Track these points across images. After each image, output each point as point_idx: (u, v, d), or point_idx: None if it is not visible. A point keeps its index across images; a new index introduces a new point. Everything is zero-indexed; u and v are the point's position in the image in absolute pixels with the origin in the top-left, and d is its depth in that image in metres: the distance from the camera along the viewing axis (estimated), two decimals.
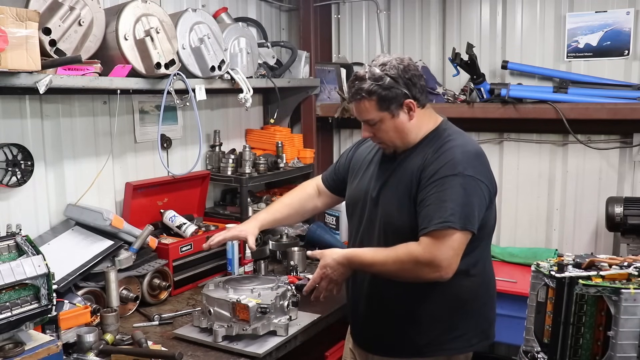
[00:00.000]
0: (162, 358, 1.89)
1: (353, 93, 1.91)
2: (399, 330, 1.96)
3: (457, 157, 1.83)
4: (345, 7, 3.74)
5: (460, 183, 1.79)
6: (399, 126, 1.91)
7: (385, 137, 1.93)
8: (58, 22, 1.97)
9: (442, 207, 1.77)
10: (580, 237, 3.22)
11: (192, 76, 2.53)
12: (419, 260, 1.77)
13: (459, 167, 1.80)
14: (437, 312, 1.92)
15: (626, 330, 1.45)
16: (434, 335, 1.94)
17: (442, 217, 1.75)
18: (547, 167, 3.26)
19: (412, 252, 1.79)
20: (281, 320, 2.06)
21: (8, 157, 2.20)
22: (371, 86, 1.86)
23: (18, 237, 1.65)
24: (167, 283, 2.48)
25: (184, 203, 2.89)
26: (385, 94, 1.86)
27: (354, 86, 1.90)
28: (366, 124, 1.94)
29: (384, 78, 1.85)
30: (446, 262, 1.75)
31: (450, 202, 1.77)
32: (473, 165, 1.83)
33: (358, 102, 1.90)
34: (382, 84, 1.85)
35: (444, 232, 1.75)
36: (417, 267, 1.78)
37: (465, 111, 3.18)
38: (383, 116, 1.89)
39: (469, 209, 1.78)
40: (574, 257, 1.64)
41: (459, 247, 1.78)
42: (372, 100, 1.87)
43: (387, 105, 1.87)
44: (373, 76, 1.86)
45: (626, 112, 2.82)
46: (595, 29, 3.04)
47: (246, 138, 3.46)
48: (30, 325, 1.61)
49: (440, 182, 1.80)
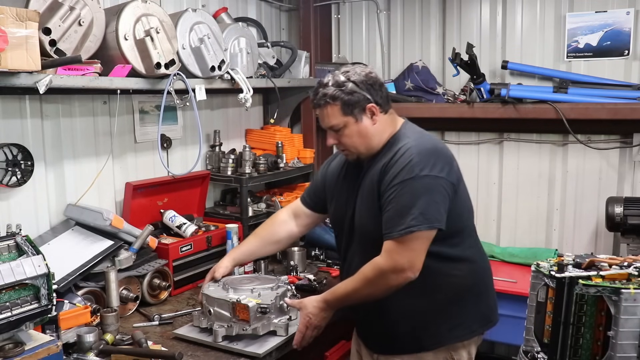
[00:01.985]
0: (162, 358, 1.89)
1: (318, 99, 1.94)
2: (398, 328, 1.99)
3: (414, 160, 1.84)
4: (345, 7, 3.74)
5: (419, 185, 1.82)
6: (363, 131, 1.93)
7: (349, 142, 1.96)
8: (58, 22, 1.97)
9: (403, 212, 1.81)
10: (580, 237, 3.22)
11: (192, 76, 2.53)
12: (383, 270, 1.82)
13: (416, 170, 1.83)
14: (432, 306, 1.95)
15: (626, 330, 1.45)
16: (434, 328, 1.96)
17: (404, 223, 1.79)
18: (547, 167, 3.26)
19: (376, 266, 1.84)
20: (281, 320, 2.06)
21: (8, 157, 2.20)
22: (334, 92, 1.90)
23: (18, 237, 1.65)
24: (167, 283, 2.48)
25: (184, 203, 2.89)
26: (348, 98, 1.90)
27: (318, 93, 1.94)
28: (331, 131, 1.97)
29: (347, 83, 1.90)
30: (408, 264, 1.80)
31: (411, 206, 1.80)
32: (430, 163, 1.84)
33: (322, 108, 1.93)
34: (344, 89, 1.90)
35: (406, 237, 1.79)
36: (383, 278, 1.83)
37: (465, 111, 3.18)
38: (347, 121, 1.92)
39: (432, 209, 1.81)
40: (574, 257, 1.64)
41: (420, 246, 1.82)
42: (335, 105, 1.91)
43: (350, 110, 1.91)
44: (336, 82, 1.91)
45: (626, 112, 2.82)
46: (595, 29, 3.04)
47: (246, 138, 3.46)
48: (30, 325, 1.61)
49: (400, 187, 1.83)
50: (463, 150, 3.47)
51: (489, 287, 2.10)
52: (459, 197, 1.92)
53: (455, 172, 1.93)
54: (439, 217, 1.82)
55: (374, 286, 1.86)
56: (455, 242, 1.95)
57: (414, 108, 3.34)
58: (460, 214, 1.95)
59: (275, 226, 2.35)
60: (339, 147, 2.02)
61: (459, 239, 1.96)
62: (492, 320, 2.09)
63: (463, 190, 1.97)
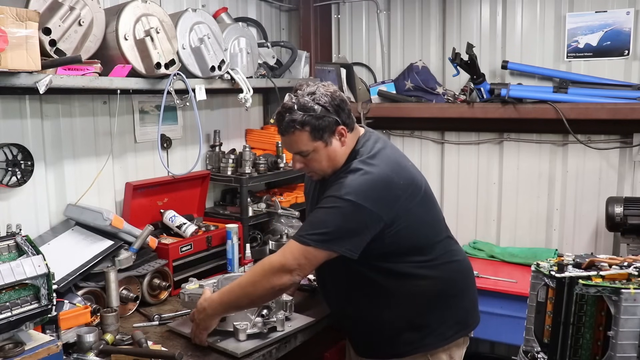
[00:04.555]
0: (162, 358, 1.88)
1: (285, 126, 1.86)
2: (373, 336, 2.01)
3: (347, 182, 1.83)
4: (345, 7, 3.74)
5: (337, 206, 1.81)
6: (332, 154, 1.91)
7: (317, 166, 1.93)
8: (58, 22, 1.97)
9: (312, 223, 1.85)
10: (580, 237, 3.22)
11: (192, 76, 2.53)
12: (272, 264, 1.84)
13: (342, 191, 1.81)
14: (400, 317, 1.95)
15: (626, 330, 1.45)
16: (406, 336, 1.96)
17: (302, 231, 1.84)
18: (547, 167, 3.26)
19: (266, 260, 1.88)
20: (278, 315, 2.07)
21: (8, 157, 2.20)
22: (303, 117, 1.83)
23: (18, 237, 1.66)
24: (167, 283, 2.48)
25: (184, 203, 2.89)
26: (318, 123, 1.84)
27: (284, 118, 1.86)
28: (298, 155, 1.92)
29: (315, 107, 1.84)
30: (295, 266, 1.81)
31: (316, 220, 1.83)
32: (359, 191, 1.80)
33: (290, 134, 1.87)
34: (314, 115, 1.84)
35: (303, 246, 1.81)
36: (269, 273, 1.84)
37: (465, 111, 3.18)
38: (317, 146, 1.88)
39: (339, 233, 1.80)
40: (574, 257, 1.64)
41: (313, 260, 1.82)
42: (304, 132, 1.85)
43: (320, 135, 1.86)
44: (304, 107, 1.84)
45: (626, 112, 2.82)
46: (595, 29, 3.04)
47: (246, 138, 3.46)
48: (30, 325, 1.61)
49: (323, 202, 1.85)
50: (463, 150, 3.47)
51: (463, 292, 2.06)
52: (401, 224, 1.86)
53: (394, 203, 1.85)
54: (343, 244, 1.80)
55: (257, 283, 1.86)
56: (411, 259, 1.93)
57: (414, 108, 3.34)
58: (412, 235, 1.91)
59: None
60: (305, 170, 1.99)
61: (415, 256, 1.93)
62: (469, 325, 2.07)
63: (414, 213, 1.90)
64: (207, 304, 1.94)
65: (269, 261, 1.87)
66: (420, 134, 3.57)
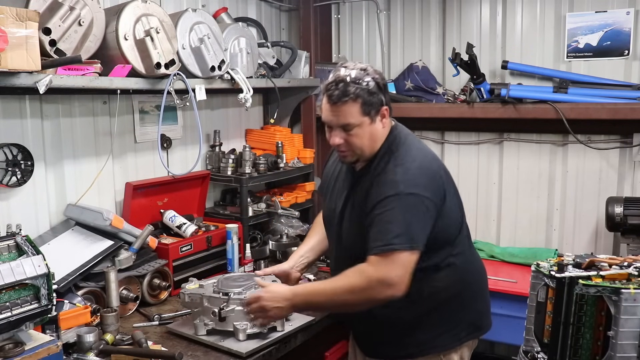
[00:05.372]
0: (162, 358, 1.89)
1: (338, 94, 1.82)
2: (387, 336, 1.99)
3: (398, 176, 1.82)
4: (345, 7, 3.74)
5: (401, 203, 1.78)
6: (373, 133, 1.89)
7: (358, 143, 1.88)
8: (58, 22, 1.97)
9: (386, 229, 1.77)
10: (580, 237, 3.22)
11: (192, 76, 2.53)
12: (372, 279, 1.76)
13: (400, 187, 1.79)
14: (415, 316, 1.94)
15: (626, 330, 1.45)
16: (421, 336, 1.95)
17: (386, 240, 1.76)
18: (547, 167, 3.26)
19: (363, 274, 1.77)
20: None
21: (8, 157, 2.20)
22: (357, 89, 1.81)
23: (18, 237, 1.66)
24: (167, 283, 2.48)
25: (184, 203, 2.89)
26: (369, 98, 1.83)
27: (337, 87, 1.82)
28: (340, 130, 1.88)
29: (369, 82, 1.83)
30: (397, 279, 1.75)
31: (393, 223, 1.77)
32: (414, 182, 1.81)
33: (342, 104, 1.83)
34: (367, 89, 1.83)
35: (389, 254, 1.75)
36: (370, 288, 1.77)
37: (465, 111, 3.18)
38: (363, 121, 1.85)
39: (413, 229, 1.78)
40: (574, 257, 1.64)
41: (407, 265, 1.77)
42: (356, 104, 1.82)
43: (369, 110, 1.85)
44: (358, 79, 1.82)
45: (626, 112, 2.82)
46: (595, 29, 3.04)
47: (246, 138, 3.46)
48: (30, 325, 1.61)
49: (383, 204, 1.80)
50: (463, 150, 3.47)
51: (477, 294, 2.06)
52: (445, 211, 1.88)
53: (441, 188, 1.88)
54: (417, 238, 1.78)
55: (356, 294, 1.80)
56: (439, 254, 1.91)
57: (414, 108, 3.34)
58: (447, 226, 1.91)
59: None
60: (342, 148, 1.91)
61: (443, 250, 1.92)
62: (482, 328, 2.06)
63: (450, 200, 1.92)
64: (291, 297, 1.87)
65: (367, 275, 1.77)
66: (420, 134, 3.56)
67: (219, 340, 1.99)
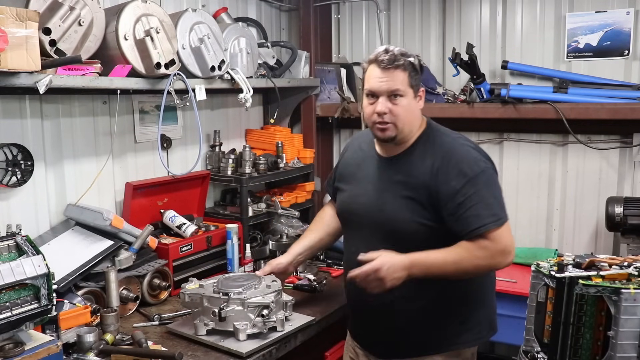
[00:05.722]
0: (162, 358, 1.89)
1: (391, 59, 1.87)
2: (407, 331, 1.96)
3: (472, 154, 1.91)
4: (345, 7, 3.74)
5: (488, 178, 1.88)
6: (414, 108, 1.94)
7: (401, 114, 1.89)
8: (58, 22, 1.97)
9: (489, 204, 1.84)
10: (580, 237, 3.22)
11: (192, 76, 2.53)
12: (495, 252, 1.82)
13: (481, 164, 1.89)
14: (448, 307, 1.94)
15: (626, 330, 1.45)
16: (447, 331, 1.95)
17: (493, 214, 1.83)
18: (547, 167, 3.26)
19: (486, 247, 1.82)
20: (278, 315, 2.06)
21: (8, 157, 2.20)
22: (405, 61, 1.89)
23: (18, 237, 1.66)
24: (167, 283, 2.48)
25: (184, 203, 2.89)
26: (414, 73, 1.91)
27: (388, 54, 1.88)
28: (385, 99, 1.90)
29: (414, 60, 1.92)
30: (512, 247, 1.85)
31: (491, 198, 1.86)
32: (483, 156, 1.92)
33: (393, 69, 1.88)
34: (413, 64, 1.91)
35: (501, 227, 1.83)
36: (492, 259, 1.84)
37: (465, 111, 3.18)
38: (409, 92, 1.91)
39: (502, 200, 1.89)
40: (574, 257, 1.64)
41: (511, 232, 1.87)
42: (406, 72, 1.89)
43: (414, 83, 1.92)
44: (404, 53, 1.91)
45: (626, 112, 2.82)
46: (595, 29, 3.04)
47: (246, 138, 3.46)
48: (30, 325, 1.61)
49: (473, 181, 1.85)
50: None
51: (493, 292, 2.09)
52: None
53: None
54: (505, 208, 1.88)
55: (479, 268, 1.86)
56: None
57: None
58: None
59: (328, 218, 2.31)
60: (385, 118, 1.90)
61: None
62: (494, 328, 2.08)
63: None
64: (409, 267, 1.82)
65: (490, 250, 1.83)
66: None
67: (219, 340, 2.00)
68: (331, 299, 2.48)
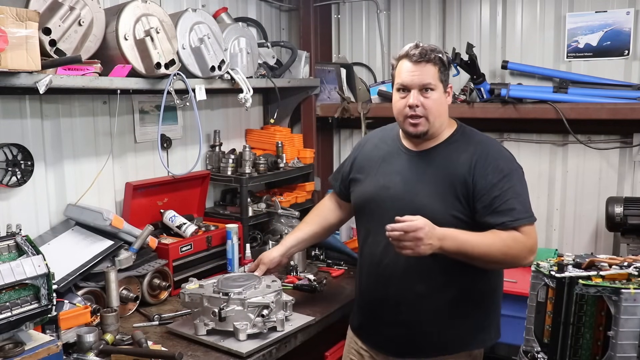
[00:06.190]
0: (162, 358, 1.89)
1: (422, 53, 1.91)
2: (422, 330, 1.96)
3: (505, 153, 1.99)
4: (345, 7, 3.74)
5: (521, 177, 1.96)
6: (443, 103, 1.97)
7: (432, 107, 1.92)
8: (58, 22, 1.97)
9: (522, 201, 1.91)
10: (580, 237, 3.21)
11: (192, 76, 2.53)
12: (526, 246, 1.87)
13: (515, 163, 1.96)
14: (465, 308, 1.95)
15: (626, 330, 1.45)
16: (462, 331, 1.96)
17: (527, 211, 1.90)
18: (547, 167, 3.26)
19: (518, 239, 1.86)
20: (278, 315, 2.06)
21: (8, 157, 2.20)
22: (436, 56, 1.92)
23: (18, 237, 1.66)
24: (167, 283, 2.48)
25: (184, 203, 2.89)
26: (443, 68, 1.95)
27: (422, 48, 1.93)
28: (418, 91, 1.92)
29: (443, 56, 1.95)
30: (536, 247, 1.90)
31: (526, 195, 1.94)
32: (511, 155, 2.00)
33: (425, 63, 1.91)
34: (443, 60, 1.94)
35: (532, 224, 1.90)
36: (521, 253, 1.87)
37: (465, 111, 3.17)
38: (439, 86, 1.94)
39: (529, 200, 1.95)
40: (574, 257, 1.64)
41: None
42: (437, 66, 1.92)
43: (443, 79, 1.95)
44: (435, 49, 1.94)
45: (626, 112, 2.82)
46: (595, 29, 3.04)
47: (246, 138, 3.46)
48: (30, 325, 1.61)
49: (509, 177, 1.90)
50: None
51: (501, 300, 2.11)
52: None
53: None
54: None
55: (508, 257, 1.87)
56: None
57: None
58: None
59: (326, 212, 2.33)
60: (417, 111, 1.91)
61: None
62: (499, 332, 2.09)
63: None
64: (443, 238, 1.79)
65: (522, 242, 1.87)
66: None
67: (219, 340, 2.00)
68: (331, 299, 2.48)
